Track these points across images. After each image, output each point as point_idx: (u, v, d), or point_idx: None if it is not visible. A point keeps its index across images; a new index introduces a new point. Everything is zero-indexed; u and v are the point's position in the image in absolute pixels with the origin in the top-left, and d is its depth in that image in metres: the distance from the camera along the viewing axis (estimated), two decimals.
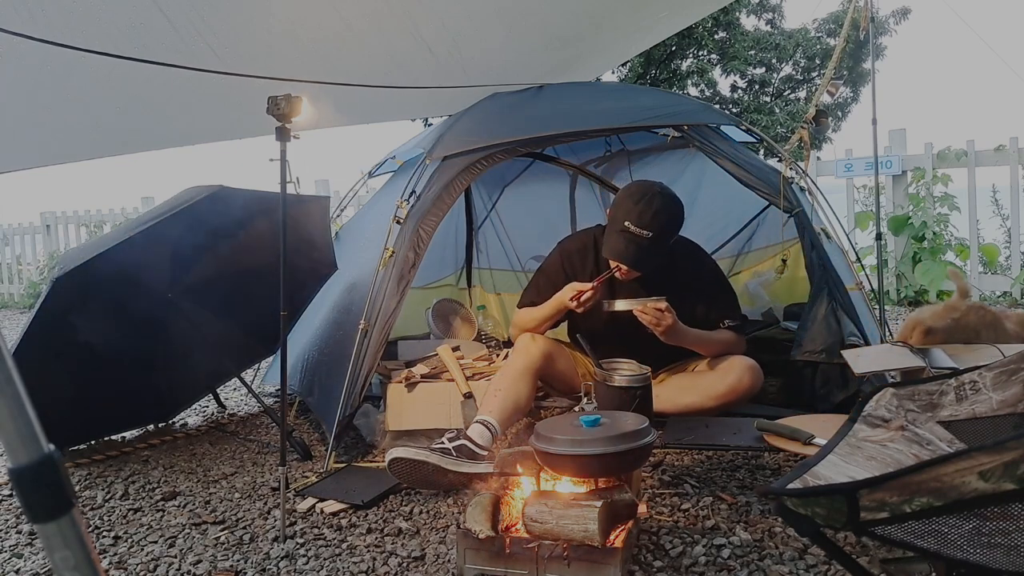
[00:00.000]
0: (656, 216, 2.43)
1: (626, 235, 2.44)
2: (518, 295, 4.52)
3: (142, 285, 2.81)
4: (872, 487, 1.04)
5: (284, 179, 2.13)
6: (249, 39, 2.45)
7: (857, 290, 2.96)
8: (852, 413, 1.57)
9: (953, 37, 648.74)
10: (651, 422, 1.85)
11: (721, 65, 10.65)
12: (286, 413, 2.30)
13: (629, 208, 2.45)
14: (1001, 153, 5.33)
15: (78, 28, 2.07)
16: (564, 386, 2.71)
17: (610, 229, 2.51)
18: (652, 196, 2.46)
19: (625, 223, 2.43)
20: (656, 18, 3.41)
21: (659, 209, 2.44)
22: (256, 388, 3.45)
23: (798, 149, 3.58)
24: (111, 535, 2.14)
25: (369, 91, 2.98)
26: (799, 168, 3.21)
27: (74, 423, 2.83)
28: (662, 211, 2.45)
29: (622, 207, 2.47)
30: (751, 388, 2.57)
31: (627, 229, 2.43)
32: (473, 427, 2.28)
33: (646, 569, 1.72)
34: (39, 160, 3.03)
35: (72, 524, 0.70)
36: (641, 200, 2.45)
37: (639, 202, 2.44)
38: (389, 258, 2.69)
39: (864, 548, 1.71)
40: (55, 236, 9.19)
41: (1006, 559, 1.03)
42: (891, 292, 5.53)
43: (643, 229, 2.42)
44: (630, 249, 2.46)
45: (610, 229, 2.51)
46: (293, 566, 1.87)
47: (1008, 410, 1.43)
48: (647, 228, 2.42)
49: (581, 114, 3.07)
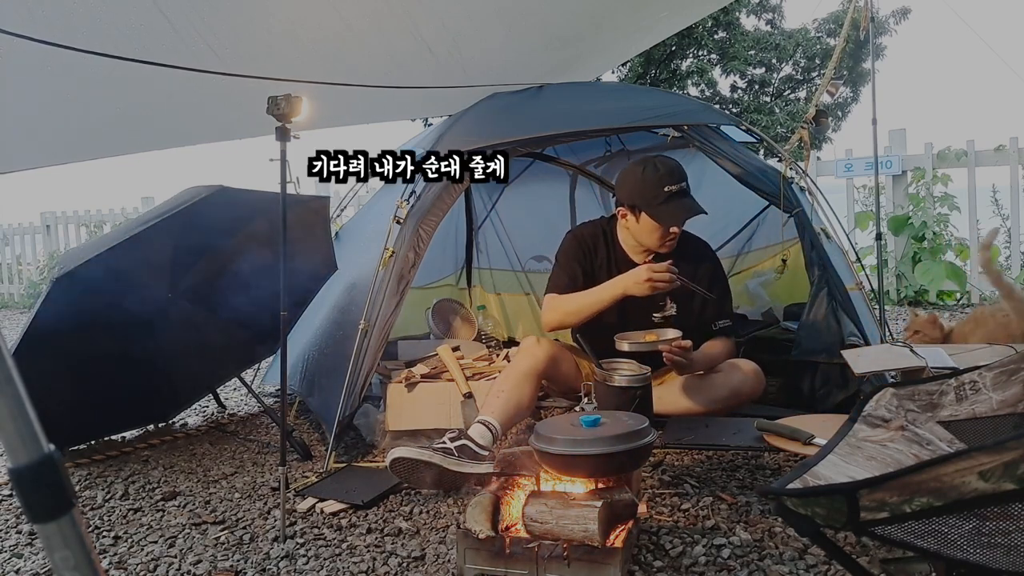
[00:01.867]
0: (676, 168, 2.52)
1: (675, 196, 2.49)
2: (518, 295, 4.52)
3: (142, 285, 2.81)
4: (872, 487, 1.04)
5: (284, 179, 2.13)
6: (249, 39, 2.45)
7: (857, 290, 2.96)
8: (852, 413, 1.57)
9: (953, 37, 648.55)
10: (651, 422, 1.85)
11: (721, 65, 10.65)
12: (286, 413, 2.30)
13: (655, 177, 2.49)
14: (1001, 153, 5.33)
15: (78, 29, 2.07)
16: (565, 387, 2.71)
17: (653, 204, 2.50)
18: (656, 160, 2.54)
19: (665, 188, 2.48)
20: (656, 18, 3.41)
21: (672, 164, 2.53)
22: (256, 388, 3.45)
23: (798, 149, 3.58)
24: (111, 535, 2.14)
25: (369, 91, 2.98)
26: (799, 168, 3.21)
27: (74, 423, 2.83)
28: (674, 163, 2.54)
29: (647, 181, 2.50)
30: (753, 392, 2.57)
31: (671, 192, 2.48)
32: (474, 427, 2.28)
33: (646, 569, 1.72)
34: (39, 160, 3.03)
35: (72, 524, 0.70)
36: (657, 165, 2.51)
37: (657, 168, 2.50)
38: (389, 258, 2.69)
39: (864, 548, 1.71)
40: (55, 236, 9.19)
41: (1006, 559, 1.03)
42: (891, 292, 5.53)
43: (680, 182, 2.50)
44: (686, 203, 2.51)
45: (653, 204, 2.50)
46: (293, 566, 1.87)
47: (1008, 410, 1.42)
48: (681, 180, 2.51)
49: (581, 114, 3.07)
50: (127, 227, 2.82)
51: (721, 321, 2.66)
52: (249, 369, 3.54)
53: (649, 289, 2.39)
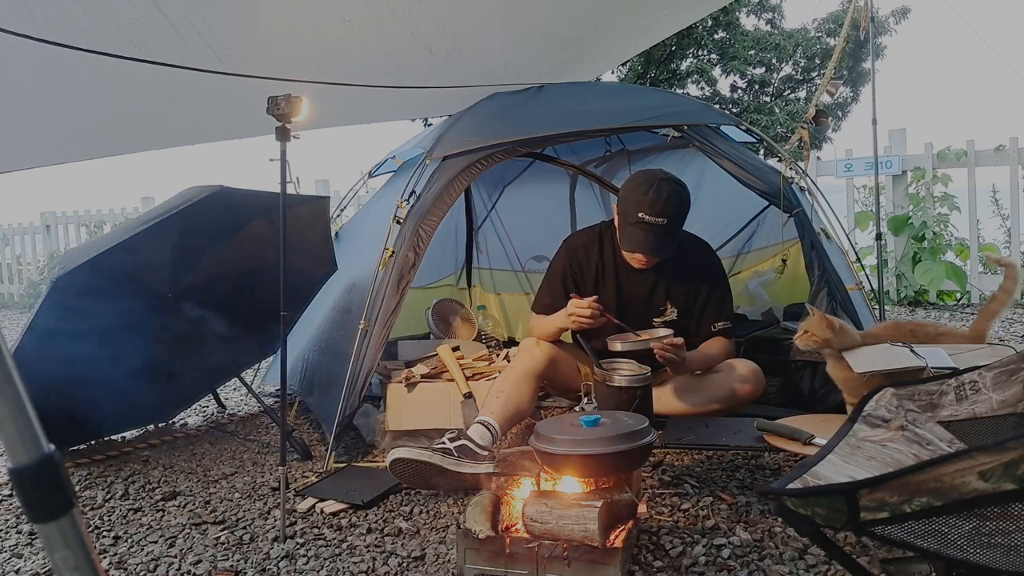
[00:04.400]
0: (668, 202, 2.43)
1: (642, 225, 2.44)
2: (518, 295, 4.53)
3: (142, 285, 2.81)
4: (872, 487, 1.04)
5: (284, 179, 2.13)
6: (249, 39, 2.45)
7: (857, 290, 2.96)
8: (852, 413, 1.57)
9: (953, 37, 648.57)
10: (651, 422, 1.85)
11: (721, 65, 10.64)
12: (286, 413, 2.30)
13: (639, 199, 2.44)
14: (1001, 153, 5.33)
15: (78, 29, 2.07)
16: (565, 388, 2.72)
17: (624, 222, 2.51)
18: (659, 183, 2.45)
19: (639, 214, 2.43)
20: (656, 18, 3.41)
21: (669, 195, 2.44)
22: (256, 388, 3.45)
23: (798, 149, 3.58)
24: (111, 535, 2.14)
25: (369, 91, 2.98)
26: (799, 168, 3.21)
27: (74, 423, 2.83)
28: (672, 196, 2.45)
29: (632, 199, 2.46)
30: (753, 392, 2.57)
31: (642, 220, 2.43)
32: (473, 427, 2.28)
33: (646, 569, 1.72)
34: (39, 160, 3.02)
35: (72, 524, 0.70)
36: (650, 189, 2.44)
37: (648, 191, 2.44)
38: (389, 258, 2.69)
39: (864, 548, 1.71)
40: (55, 236, 9.19)
41: (1006, 559, 1.03)
42: (891, 292, 5.53)
43: (657, 217, 2.42)
44: (649, 238, 2.46)
45: (624, 222, 2.51)
46: (293, 566, 1.87)
47: (1008, 410, 1.42)
48: (661, 215, 2.42)
49: (581, 114, 3.07)
50: (127, 227, 2.82)
51: (720, 322, 2.66)
52: (249, 369, 3.54)
53: (574, 324, 2.45)
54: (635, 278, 2.64)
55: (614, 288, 2.65)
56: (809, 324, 2.33)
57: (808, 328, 2.33)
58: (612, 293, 2.65)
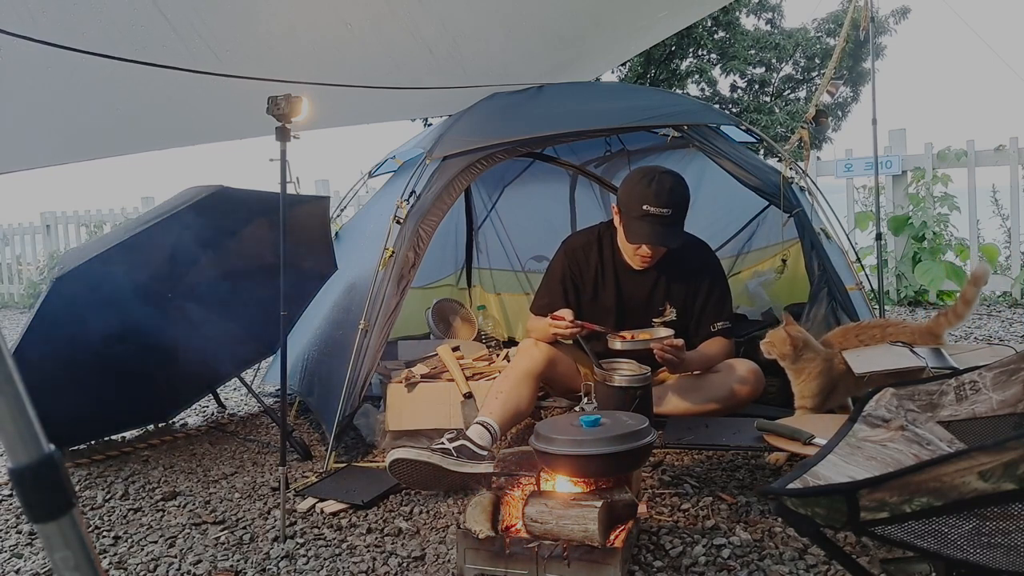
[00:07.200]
0: (671, 192, 2.45)
1: (648, 218, 2.45)
2: (518, 295, 4.53)
3: (142, 285, 2.80)
4: (872, 487, 1.04)
5: (284, 179, 2.13)
6: (249, 40, 2.45)
7: (857, 290, 2.97)
8: (852, 413, 1.57)
9: (953, 37, 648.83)
10: (651, 422, 1.85)
11: (721, 65, 10.64)
12: (286, 413, 2.30)
13: (642, 191, 2.45)
14: (1001, 153, 5.33)
15: (78, 30, 2.07)
16: (565, 388, 2.72)
17: (628, 218, 2.51)
18: (659, 175, 2.48)
19: (644, 207, 2.44)
20: (656, 18, 3.41)
21: (672, 186, 2.47)
22: (256, 388, 3.45)
23: (798, 149, 3.58)
24: (111, 535, 2.14)
25: (369, 91, 2.98)
26: (799, 168, 3.21)
27: (74, 423, 2.83)
28: (675, 187, 2.48)
29: (634, 193, 2.47)
30: (753, 392, 2.57)
31: (647, 212, 2.44)
32: (473, 428, 2.29)
33: (646, 569, 1.72)
34: (39, 160, 3.02)
35: (72, 524, 0.70)
36: (652, 181, 2.46)
37: (651, 183, 2.45)
38: (389, 258, 2.69)
39: (864, 548, 1.71)
40: (55, 236, 9.19)
41: (1006, 559, 1.03)
42: (891, 292, 5.53)
43: (662, 207, 2.43)
44: (656, 229, 2.47)
45: (628, 218, 2.51)
46: (293, 566, 1.87)
47: (1008, 410, 1.42)
48: (665, 206, 2.44)
49: (581, 114, 3.07)
50: (127, 227, 2.82)
51: (720, 322, 2.66)
52: (249, 369, 3.54)
53: (555, 337, 2.48)
54: (634, 278, 2.64)
55: (613, 289, 2.66)
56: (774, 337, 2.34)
57: (772, 340, 2.34)
58: (611, 294, 2.65)
